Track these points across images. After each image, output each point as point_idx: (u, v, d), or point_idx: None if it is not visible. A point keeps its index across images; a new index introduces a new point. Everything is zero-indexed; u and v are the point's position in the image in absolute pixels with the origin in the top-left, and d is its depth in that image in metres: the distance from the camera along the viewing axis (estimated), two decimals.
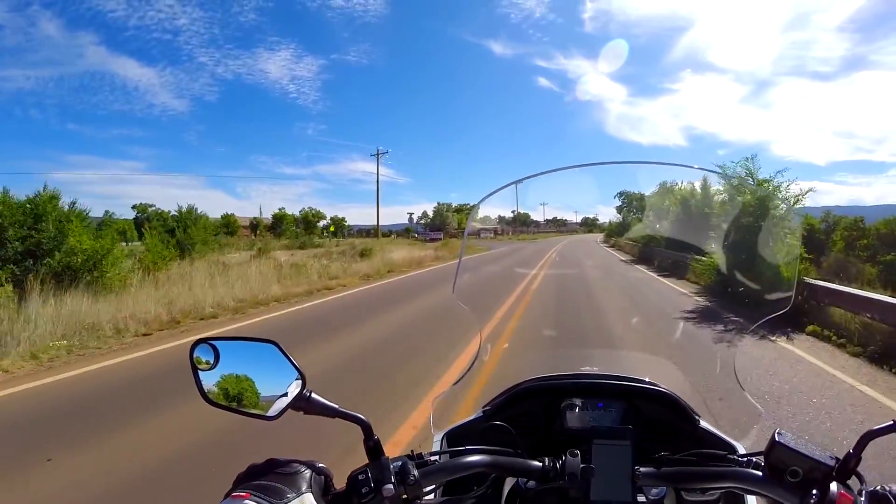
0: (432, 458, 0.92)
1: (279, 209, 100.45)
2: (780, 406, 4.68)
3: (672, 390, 1.18)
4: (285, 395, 0.87)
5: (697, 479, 0.92)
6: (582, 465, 0.89)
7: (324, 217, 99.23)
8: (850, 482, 0.80)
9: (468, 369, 1.33)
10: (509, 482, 1.07)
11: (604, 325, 6.72)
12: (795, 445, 0.81)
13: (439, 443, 1.18)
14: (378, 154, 47.36)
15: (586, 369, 1.37)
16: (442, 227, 77.01)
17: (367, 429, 0.86)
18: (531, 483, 0.97)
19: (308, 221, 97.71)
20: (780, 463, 0.81)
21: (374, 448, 0.86)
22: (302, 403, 0.87)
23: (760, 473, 0.85)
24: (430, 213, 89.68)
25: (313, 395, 0.88)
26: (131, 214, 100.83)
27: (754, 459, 0.89)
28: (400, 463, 0.85)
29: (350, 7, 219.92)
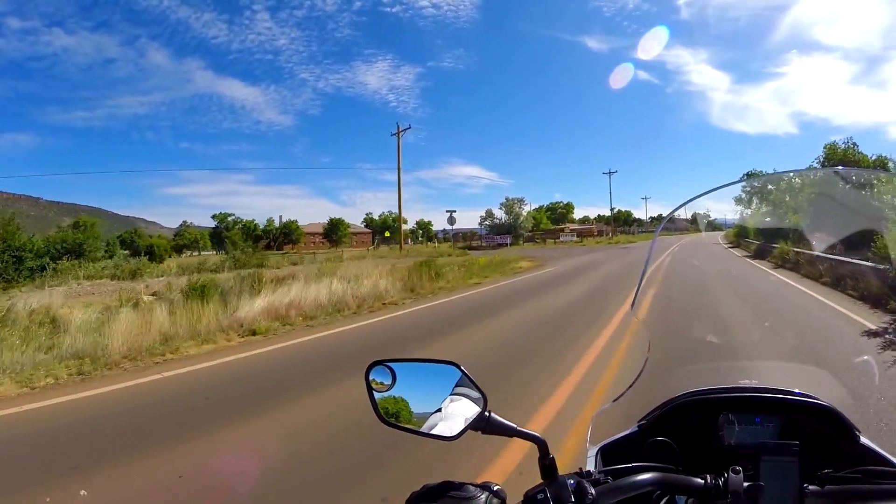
0: (600, 476, 0.91)
1: (366, 215, 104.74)
2: None
3: (833, 404, 1.13)
4: (460, 414, 0.87)
5: (867, 498, 0.88)
6: (747, 484, 0.87)
7: (405, 222, 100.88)
8: None
9: (631, 385, 1.30)
10: (664, 498, 1.02)
11: None
12: None
13: (594, 458, 1.17)
14: (399, 132, 38.43)
15: (744, 382, 1.32)
16: (512, 228, 62.17)
17: (543, 447, 0.86)
18: (691, 501, 0.94)
19: (387, 226, 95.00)
20: None
21: (549, 466, 0.85)
22: (482, 424, 0.86)
23: None
24: (498, 212, 66.86)
25: (493, 415, 0.87)
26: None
27: None
28: (574, 482, 0.84)
29: (441, 14, 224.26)
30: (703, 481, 0.89)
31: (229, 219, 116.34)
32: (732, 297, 9.16)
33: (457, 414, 0.88)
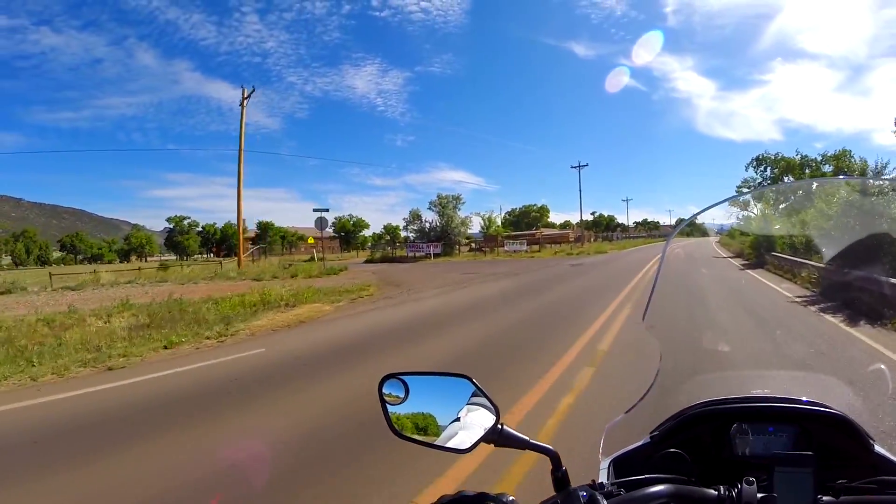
0: (612, 487, 0.92)
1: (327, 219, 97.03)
2: None
3: (846, 412, 1.10)
4: (473, 426, 0.89)
5: None
6: (761, 495, 0.87)
7: (366, 226, 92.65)
8: None
9: (643, 397, 1.30)
10: None
11: None
12: None
13: (606, 470, 1.15)
14: (244, 98, 29.98)
15: (756, 392, 1.30)
16: (445, 234, 46.01)
17: (555, 459, 0.87)
18: None
19: (346, 230, 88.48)
20: None
21: (561, 479, 0.86)
22: (494, 436, 0.88)
23: None
24: (430, 214, 49.18)
25: (506, 427, 0.88)
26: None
27: None
28: (586, 495, 0.85)
29: (430, 19, 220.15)
30: (716, 493, 0.89)
31: (185, 222, 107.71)
32: None
33: (470, 426, 0.89)
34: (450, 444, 0.89)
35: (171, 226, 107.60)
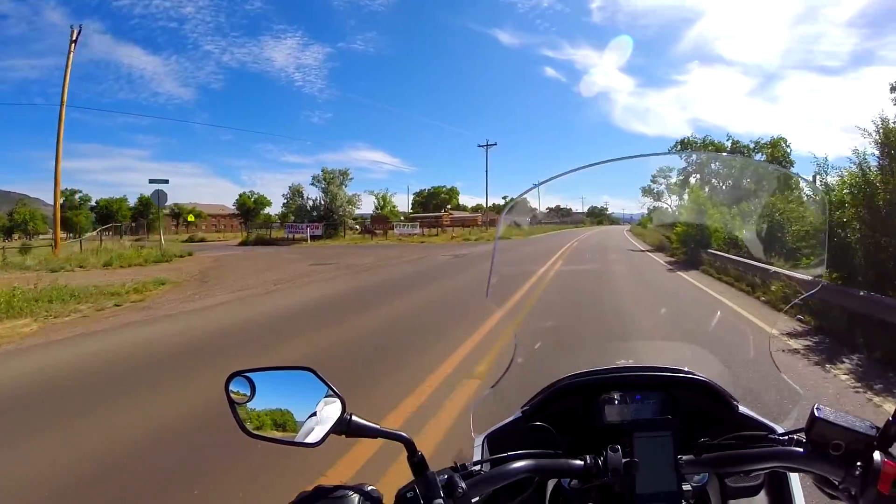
0: (475, 467, 0.93)
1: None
2: None
3: (709, 377, 1.16)
4: (326, 419, 0.88)
5: (739, 461, 0.91)
6: (625, 460, 0.90)
7: (268, 203, 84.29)
8: (892, 450, 0.80)
9: (505, 372, 1.32)
10: (552, 482, 1.08)
11: None
12: (835, 418, 0.82)
13: (480, 447, 1.17)
14: (73, 38, 23.05)
15: (622, 362, 1.33)
16: (329, 213, 41.79)
17: (409, 445, 0.87)
18: (574, 482, 0.97)
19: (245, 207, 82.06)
20: (822, 437, 0.82)
21: (418, 464, 0.86)
22: (343, 427, 0.87)
23: (803, 450, 0.85)
24: (311, 191, 45.15)
25: (354, 417, 0.88)
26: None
27: (795, 437, 0.88)
28: (446, 476, 0.85)
29: None
30: (582, 462, 0.92)
31: (76, 196, 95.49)
32: None
33: (325, 420, 0.88)
34: (298, 439, 0.87)
35: (62, 200, 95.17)
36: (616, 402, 1.13)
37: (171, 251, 23.58)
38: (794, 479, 1.06)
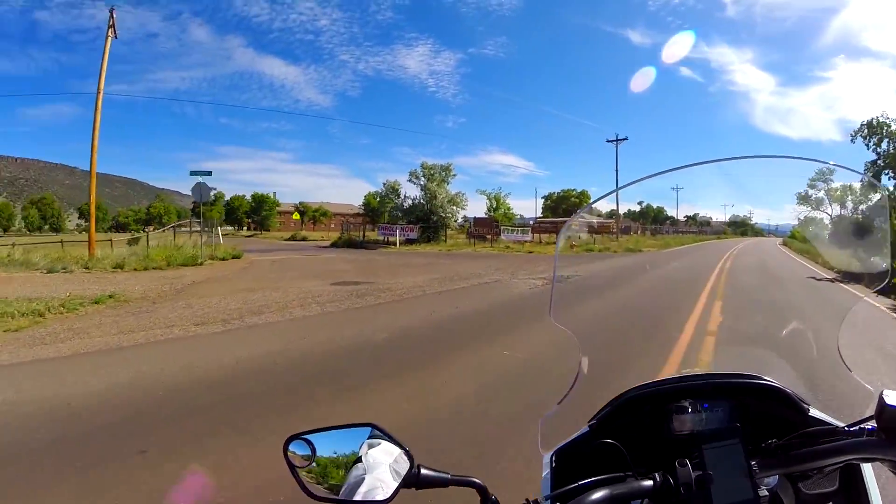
0: (547, 501, 0.92)
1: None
2: None
3: (778, 381, 1.10)
4: (394, 474, 0.86)
5: (811, 458, 0.88)
6: (696, 474, 0.87)
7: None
8: None
9: (571, 387, 1.21)
10: None
11: None
12: None
13: (549, 463, 1.12)
14: (111, 23, 20.22)
15: (687, 371, 1.29)
16: (429, 215, 35.72)
17: (482, 491, 0.87)
18: (646, 501, 0.92)
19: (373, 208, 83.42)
20: (894, 423, 0.80)
21: None
22: (413, 480, 0.86)
23: (875, 439, 0.83)
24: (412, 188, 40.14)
25: (423, 469, 0.87)
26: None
27: (866, 427, 0.86)
28: None
29: (485, 1, 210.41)
30: (652, 482, 0.88)
31: (211, 193, 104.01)
32: None
33: (387, 474, 0.85)
34: (368, 498, 0.82)
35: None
36: (684, 412, 1.05)
37: (218, 251, 20.50)
38: (869, 475, 0.99)
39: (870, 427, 0.85)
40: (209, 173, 20.60)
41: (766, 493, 0.91)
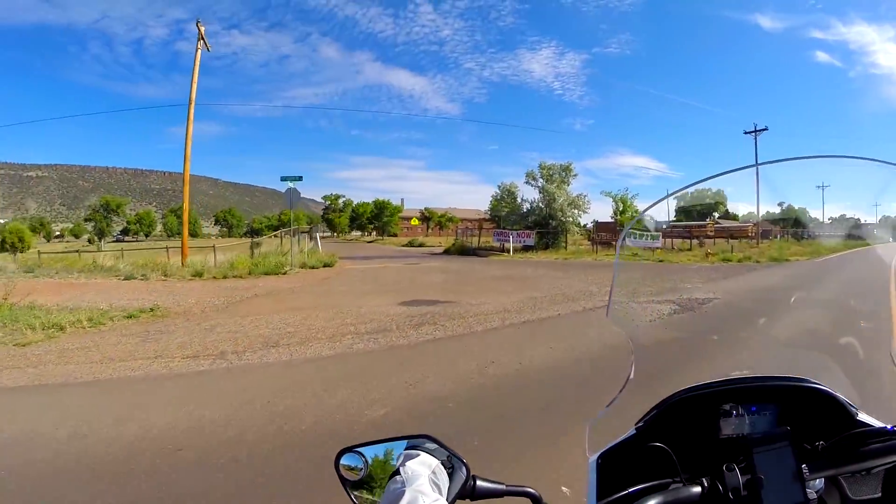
0: None
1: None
2: None
3: (826, 384, 1.10)
4: (450, 485, 0.83)
5: (860, 459, 0.87)
6: (745, 478, 0.87)
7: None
8: None
9: (621, 390, 1.22)
10: None
11: None
12: None
13: (593, 468, 1.08)
14: (200, 35, 20.89)
15: (736, 374, 1.24)
16: (549, 219, 31.85)
17: (537, 501, 0.87)
18: None
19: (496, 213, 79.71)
20: None
21: None
22: (469, 491, 0.85)
23: None
24: (530, 190, 36.27)
25: (478, 480, 0.86)
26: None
27: None
28: None
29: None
30: (700, 488, 0.88)
31: (340, 200, 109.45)
32: None
33: (443, 485, 0.82)
34: None
35: (327, 203, 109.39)
36: (731, 415, 1.07)
37: (311, 259, 19.70)
38: None
39: None
40: (300, 178, 19.91)
41: (815, 496, 0.88)
